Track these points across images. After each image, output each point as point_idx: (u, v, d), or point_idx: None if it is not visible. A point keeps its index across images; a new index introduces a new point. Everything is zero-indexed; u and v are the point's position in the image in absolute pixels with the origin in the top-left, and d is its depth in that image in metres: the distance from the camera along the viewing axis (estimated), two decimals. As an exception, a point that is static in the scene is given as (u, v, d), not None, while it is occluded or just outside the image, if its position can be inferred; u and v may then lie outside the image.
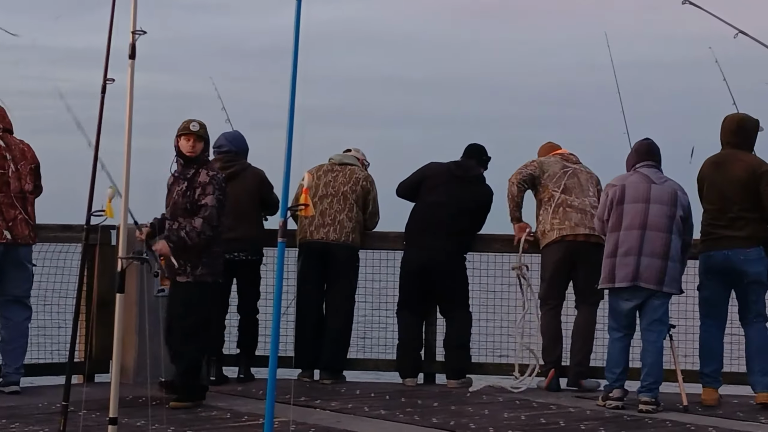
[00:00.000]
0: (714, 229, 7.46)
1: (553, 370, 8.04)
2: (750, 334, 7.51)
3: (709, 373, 7.53)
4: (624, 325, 7.40)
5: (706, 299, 7.55)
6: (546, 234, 8.11)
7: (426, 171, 8.40)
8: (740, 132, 7.54)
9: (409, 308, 8.28)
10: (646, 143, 7.62)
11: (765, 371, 7.42)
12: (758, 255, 7.41)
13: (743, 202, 7.39)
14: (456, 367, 8.26)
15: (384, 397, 7.57)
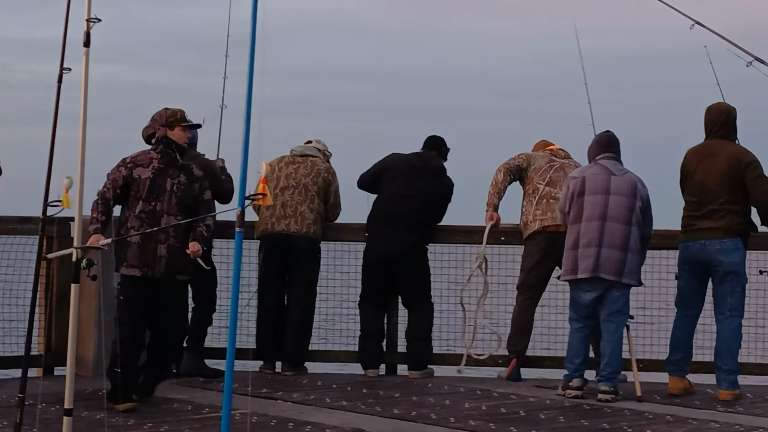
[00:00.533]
0: (693, 220, 7.43)
1: (515, 360, 8.08)
2: (722, 330, 7.43)
3: (674, 361, 7.54)
4: (584, 316, 7.45)
5: (681, 289, 7.56)
6: (528, 225, 8.13)
7: (387, 163, 8.42)
8: (728, 122, 7.50)
9: (371, 300, 8.30)
10: (606, 135, 7.66)
11: (732, 370, 7.41)
12: (735, 246, 7.35)
13: (725, 194, 7.34)
14: (418, 358, 8.29)
15: (346, 389, 7.58)
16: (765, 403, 7.32)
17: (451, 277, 8.62)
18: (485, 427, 6.32)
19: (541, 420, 6.58)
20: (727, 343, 7.42)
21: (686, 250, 7.47)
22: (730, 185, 7.35)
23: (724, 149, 7.42)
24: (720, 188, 7.35)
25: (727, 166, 7.35)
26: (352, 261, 8.64)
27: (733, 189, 7.35)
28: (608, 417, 6.74)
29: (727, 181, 7.35)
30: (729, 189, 7.35)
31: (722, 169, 7.36)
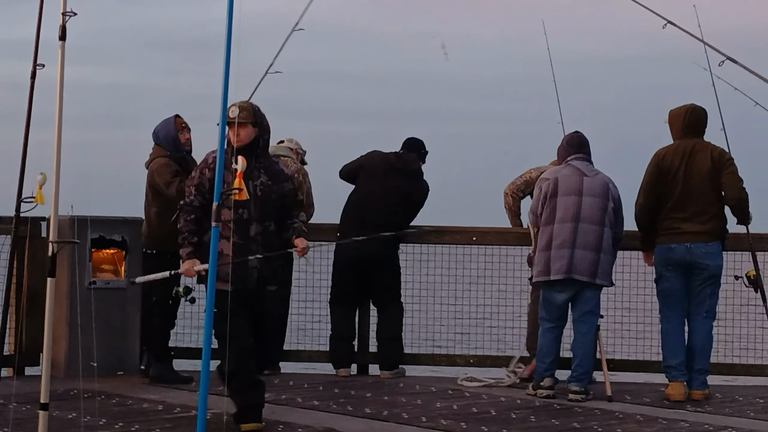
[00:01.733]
0: (675, 223, 7.36)
1: (535, 360, 7.83)
2: (696, 330, 7.43)
3: (675, 365, 7.41)
4: (556, 317, 7.48)
5: (666, 291, 7.47)
6: None
7: (365, 160, 8.44)
8: (703, 121, 7.51)
9: (342, 299, 8.32)
10: (577, 136, 7.70)
11: (704, 370, 7.42)
12: (718, 249, 7.39)
13: (710, 193, 7.34)
14: (389, 358, 8.31)
15: (317, 388, 7.59)
16: (734, 403, 7.39)
17: (422, 278, 8.65)
18: (457, 426, 6.35)
19: (512, 419, 6.62)
20: (701, 344, 7.42)
21: (670, 251, 7.39)
22: (713, 185, 7.36)
23: (707, 148, 7.44)
24: (705, 187, 7.35)
25: (711, 165, 7.35)
26: (325, 261, 8.65)
27: (717, 188, 7.37)
28: (579, 416, 6.79)
29: (712, 180, 7.35)
30: (713, 188, 7.36)
31: (707, 168, 7.35)
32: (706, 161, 7.36)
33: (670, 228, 7.39)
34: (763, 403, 7.43)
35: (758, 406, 7.30)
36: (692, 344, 7.45)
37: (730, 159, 7.42)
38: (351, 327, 8.36)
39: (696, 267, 7.36)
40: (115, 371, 7.92)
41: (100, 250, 8.02)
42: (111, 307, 7.95)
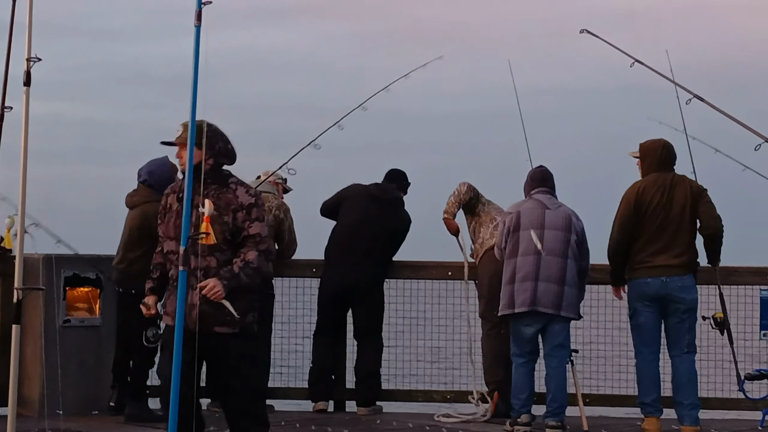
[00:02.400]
0: (649, 256, 7.35)
1: (496, 394, 7.87)
2: (680, 367, 7.40)
3: (650, 402, 7.41)
4: (527, 351, 7.47)
5: (641, 326, 7.42)
6: (484, 243, 8.08)
7: (346, 192, 8.47)
8: (675, 157, 7.56)
9: (326, 332, 8.28)
10: (540, 170, 7.75)
11: (694, 405, 7.39)
12: (692, 282, 7.41)
13: (684, 227, 7.36)
14: (366, 394, 8.28)
15: (294, 426, 7.56)
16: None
17: (399, 313, 8.64)
18: (432, 463, 6.32)
19: (488, 455, 6.60)
20: (687, 379, 7.39)
21: (646, 286, 7.37)
22: (690, 218, 7.39)
23: (684, 181, 7.48)
24: (682, 220, 7.37)
25: (690, 197, 7.39)
26: (299, 297, 8.65)
27: (692, 221, 7.40)
28: (554, 452, 6.77)
29: (689, 213, 7.38)
30: (689, 221, 7.39)
31: (686, 201, 7.38)
32: (685, 194, 7.39)
33: (644, 262, 7.38)
34: (739, 436, 7.44)
35: (734, 440, 7.30)
36: (678, 380, 7.42)
37: (705, 190, 7.48)
38: (332, 360, 8.33)
39: (672, 301, 7.36)
40: (90, 410, 7.87)
41: (74, 288, 7.98)
42: (85, 345, 7.91)
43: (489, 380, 8.00)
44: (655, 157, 7.49)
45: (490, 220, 8.19)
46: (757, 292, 8.44)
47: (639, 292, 7.41)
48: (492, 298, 7.91)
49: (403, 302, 8.64)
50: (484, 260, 8.08)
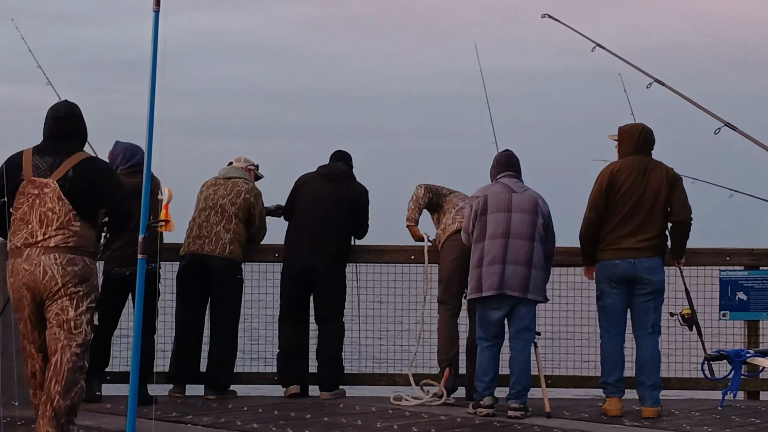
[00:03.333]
0: (619, 238, 7.41)
1: (447, 369, 7.94)
2: (643, 346, 7.47)
3: (613, 382, 7.49)
4: (493, 335, 7.51)
5: (607, 307, 7.50)
6: (447, 228, 8.11)
7: (296, 183, 8.48)
8: (653, 142, 7.59)
9: (290, 316, 8.26)
10: (506, 154, 7.77)
11: (656, 385, 7.45)
12: (660, 264, 7.48)
13: (656, 211, 7.41)
14: (329, 379, 8.28)
15: (257, 411, 7.54)
16: (670, 417, 7.47)
17: (362, 297, 8.64)
18: (396, 446, 6.34)
19: (451, 438, 6.63)
20: (650, 359, 7.45)
21: (614, 267, 7.43)
22: (662, 202, 7.44)
23: (660, 166, 7.53)
24: (655, 204, 7.42)
25: (666, 183, 7.44)
26: (261, 282, 8.64)
27: (664, 206, 7.46)
28: (517, 433, 6.81)
29: (662, 198, 7.44)
30: (661, 206, 7.45)
31: (661, 186, 7.43)
32: (661, 179, 7.45)
33: (613, 243, 7.45)
34: (699, 416, 7.52)
35: (694, 420, 7.38)
36: (641, 361, 7.49)
37: (680, 178, 7.55)
38: (300, 344, 8.31)
39: (639, 282, 7.43)
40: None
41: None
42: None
43: (441, 358, 8.05)
44: (633, 141, 7.55)
45: (453, 206, 8.22)
46: (717, 273, 8.55)
47: (607, 274, 7.47)
48: (451, 283, 7.99)
49: (366, 286, 8.64)
50: (445, 246, 8.11)
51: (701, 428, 7.06)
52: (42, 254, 5.89)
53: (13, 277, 5.96)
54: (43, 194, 5.92)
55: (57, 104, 6.28)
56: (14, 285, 5.96)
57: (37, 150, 6.06)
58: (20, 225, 5.94)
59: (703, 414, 7.58)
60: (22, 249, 5.91)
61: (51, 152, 6.00)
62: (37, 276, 5.88)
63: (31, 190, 5.95)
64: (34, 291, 5.91)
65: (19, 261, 5.91)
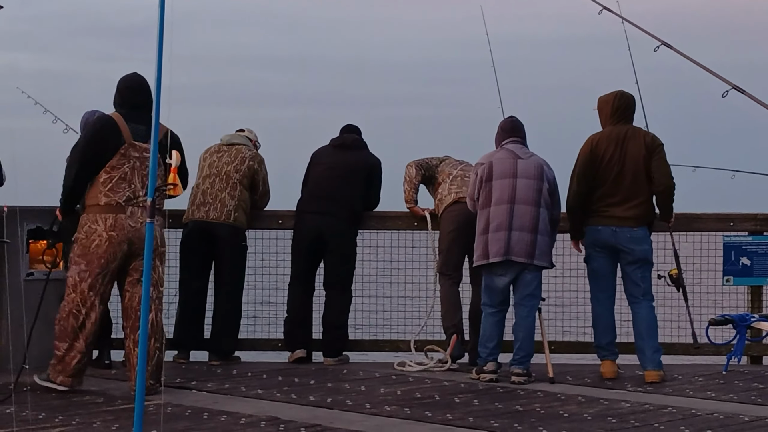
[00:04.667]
0: (606, 206, 7.48)
1: (455, 336, 7.95)
2: (639, 313, 7.53)
3: (605, 345, 7.58)
4: (498, 301, 7.51)
5: (595, 271, 7.61)
6: (443, 200, 8.12)
7: (311, 157, 8.49)
8: (631, 107, 7.60)
9: (300, 281, 8.27)
10: (510, 120, 7.75)
11: (656, 349, 7.49)
12: (644, 234, 7.51)
13: (639, 180, 7.44)
14: (333, 345, 8.30)
15: (261, 377, 7.56)
16: (673, 382, 7.49)
17: (366, 263, 8.64)
18: (401, 411, 6.36)
19: (455, 404, 6.64)
20: (647, 325, 7.51)
21: (597, 233, 7.54)
22: (645, 171, 7.46)
23: (639, 133, 7.54)
24: (637, 173, 7.45)
25: (645, 151, 7.45)
26: (264, 249, 8.64)
27: (648, 174, 7.47)
28: (522, 399, 6.83)
29: (644, 167, 7.45)
30: (644, 174, 7.46)
31: (641, 154, 7.45)
32: (639, 147, 7.46)
33: (599, 211, 7.52)
34: (702, 381, 7.54)
35: (697, 385, 7.40)
36: (638, 327, 7.55)
37: (660, 145, 7.53)
38: (307, 310, 8.32)
39: (621, 251, 7.50)
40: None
41: (37, 241, 7.90)
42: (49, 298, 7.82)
43: (446, 325, 8.07)
44: (609, 109, 7.57)
45: (447, 176, 8.21)
46: (720, 238, 8.56)
47: (591, 238, 7.59)
48: (450, 254, 8.03)
49: (369, 252, 8.64)
50: (443, 217, 8.12)
51: (704, 393, 7.08)
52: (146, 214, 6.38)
53: (115, 231, 6.63)
54: (143, 158, 6.67)
55: (133, 75, 6.91)
56: (116, 239, 6.63)
57: (128, 117, 6.77)
58: (121, 183, 6.65)
59: (707, 379, 7.61)
60: (124, 206, 6.64)
61: (140, 120, 6.74)
62: (142, 233, 6.45)
63: (133, 153, 6.68)
64: (134, 246, 6.63)
65: (123, 217, 6.64)
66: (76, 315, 6.71)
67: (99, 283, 6.71)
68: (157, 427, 5.36)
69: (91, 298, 6.70)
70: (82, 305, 6.68)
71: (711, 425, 6.01)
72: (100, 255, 6.65)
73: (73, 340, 6.71)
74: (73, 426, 5.85)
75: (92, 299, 6.70)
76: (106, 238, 6.65)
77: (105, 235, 6.64)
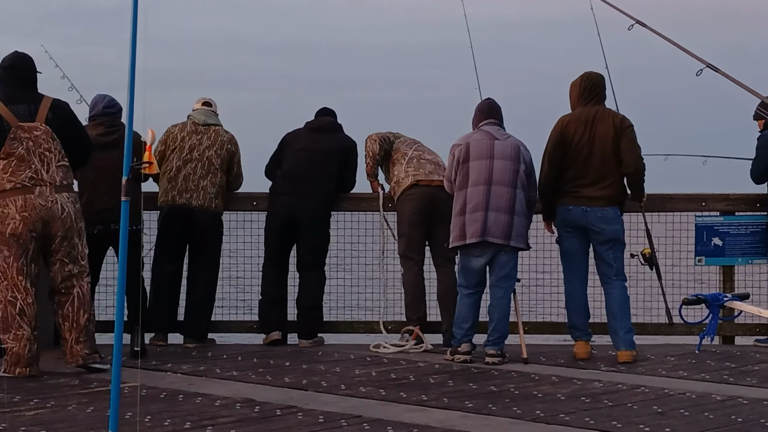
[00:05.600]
0: (576, 187, 7.52)
1: (418, 328, 8.00)
2: (611, 293, 7.58)
3: (579, 326, 7.63)
4: (474, 283, 7.53)
5: (566, 252, 7.66)
6: (401, 182, 8.12)
7: (285, 138, 8.46)
8: (598, 87, 7.64)
9: (273, 263, 8.26)
10: (488, 102, 7.76)
11: (628, 329, 7.55)
12: (615, 214, 7.55)
13: (609, 161, 7.48)
14: (308, 327, 8.31)
15: (236, 359, 7.56)
16: (646, 362, 7.54)
17: (340, 245, 8.65)
18: (375, 393, 6.38)
19: (430, 384, 6.67)
20: (619, 304, 7.55)
21: (568, 213, 7.58)
22: (614, 152, 7.50)
23: (608, 115, 7.58)
24: (606, 155, 7.49)
25: (614, 132, 7.50)
26: (239, 231, 8.62)
27: (617, 155, 7.51)
28: (496, 379, 6.87)
29: (613, 148, 7.50)
30: (614, 155, 7.51)
31: (610, 135, 7.50)
32: (608, 128, 7.50)
33: (570, 192, 7.57)
34: (674, 361, 7.60)
35: (669, 365, 7.46)
36: (610, 308, 7.60)
37: (630, 126, 7.56)
38: (282, 292, 8.32)
39: (592, 231, 7.55)
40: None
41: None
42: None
43: (411, 316, 8.09)
44: (577, 91, 7.63)
45: (402, 157, 8.22)
46: (692, 218, 8.63)
47: (562, 219, 7.64)
48: (412, 237, 8.03)
49: (344, 234, 8.65)
50: (402, 200, 8.12)
51: (677, 373, 7.14)
52: (55, 192, 6.60)
53: (27, 211, 6.56)
54: (35, 137, 6.60)
55: (12, 53, 6.83)
56: (29, 218, 6.58)
57: (8, 99, 6.63)
58: (20, 165, 6.58)
59: (679, 359, 7.67)
60: (31, 187, 6.57)
61: (21, 100, 6.66)
62: (54, 212, 6.53)
63: (22, 134, 6.60)
64: (49, 226, 6.61)
65: (32, 197, 6.56)
66: (13, 302, 6.62)
67: (24, 266, 6.65)
68: (132, 409, 5.35)
69: (22, 282, 6.63)
70: (16, 291, 6.60)
71: (683, 405, 6.07)
72: (18, 236, 6.60)
73: (17, 328, 6.62)
74: (48, 408, 5.84)
75: (24, 283, 6.64)
76: (19, 219, 6.59)
77: (18, 216, 6.59)
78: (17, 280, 6.61)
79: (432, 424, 5.52)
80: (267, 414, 5.73)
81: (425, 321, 8.11)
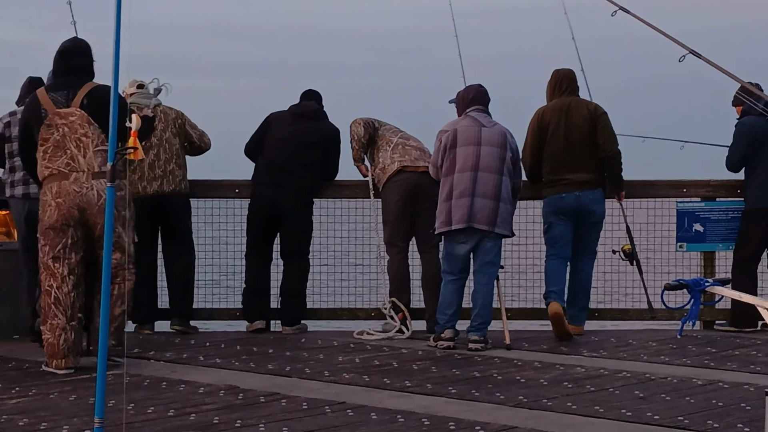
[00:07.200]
0: (561, 175, 7.82)
1: (401, 314, 8.02)
2: (580, 271, 7.95)
3: (555, 290, 7.81)
4: (458, 269, 7.55)
5: (555, 237, 7.91)
6: (386, 169, 8.12)
7: (268, 119, 8.41)
8: (567, 80, 7.97)
9: (256, 252, 8.26)
10: (474, 88, 7.78)
11: (583, 307, 7.97)
12: (602, 196, 7.93)
13: (587, 147, 7.81)
14: (292, 314, 8.31)
15: (219, 346, 7.56)
16: (628, 347, 7.59)
17: (323, 232, 8.65)
18: (359, 379, 6.39)
19: (413, 371, 6.69)
20: (584, 282, 7.97)
21: (561, 201, 7.85)
22: (591, 139, 7.82)
23: (582, 104, 7.92)
24: (584, 142, 7.81)
25: (589, 119, 7.81)
26: (222, 219, 8.61)
27: (594, 142, 7.83)
28: (479, 365, 6.89)
29: (590, 135, 7.81)
30: (591, 142, 7.82)
31: (584, 123, 7.81)
32: (582, 116, 7.84)
33: (557, 181, 7.86)
34: (656, 346, 7.65)
35: (651, 350, 7.51)
36: (578, 285, 7.97)
37: (603, 113, 7.91)
38: (265, 280, 8.31)
39: (585, 213, 7.86)
40: (10, 335, 7.78)
41: (1, 210, 7.84)
42: (4, 269, 7.79)
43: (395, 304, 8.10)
44: (550, 87, 8.00)
45: (386, 143, 8.22)
46: (674, 204, 8.67)
47: (554, 207, 7.89)
48: (397, 223, 8.05)
49: (327, 221, 8.65)
50: (388, 187, 8.12)
51: (658, 358, 7.18)
52: (92, 179, 6.45)
53: (61, 197, 6.43)
54: (70, 123, 6.48)
55: (69, 40, 6.77)
56: (64, 205, 6.44)
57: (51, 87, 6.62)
58: (57, 152, 6.49)
59: (660, 344, 7.72)
60: (68, 173, 6.46)
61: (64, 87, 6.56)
62: (90, 198, 6.41)
63: (59, 120, 6.50)
64: (86, 213, 6.44)
65: (66, 183, 6.43)
66: (48, 291, 6.46)
67: (62, 254, 6.47)
68: (115, 397, 5.34)
69: (58, 270, 6.44)
70: (52, 279, 6.43)
71: (665, 389, 6.11)
72: (53, 224, 6.46)
73: (52, 318, 6.43)
74: (30, 397, 5.83)
75: (60, 271, 6.44)
76: (54, 206, 6.46)
77: (53, 203, 6.46)
78: (53, 269, 6.43)
79: (416, 410, 5.54)
80: (251, 401, 5.74)
81: (409, 307, 8.13)
